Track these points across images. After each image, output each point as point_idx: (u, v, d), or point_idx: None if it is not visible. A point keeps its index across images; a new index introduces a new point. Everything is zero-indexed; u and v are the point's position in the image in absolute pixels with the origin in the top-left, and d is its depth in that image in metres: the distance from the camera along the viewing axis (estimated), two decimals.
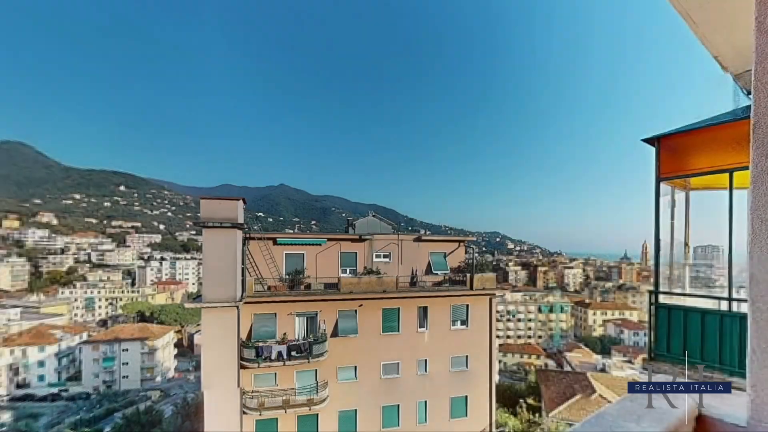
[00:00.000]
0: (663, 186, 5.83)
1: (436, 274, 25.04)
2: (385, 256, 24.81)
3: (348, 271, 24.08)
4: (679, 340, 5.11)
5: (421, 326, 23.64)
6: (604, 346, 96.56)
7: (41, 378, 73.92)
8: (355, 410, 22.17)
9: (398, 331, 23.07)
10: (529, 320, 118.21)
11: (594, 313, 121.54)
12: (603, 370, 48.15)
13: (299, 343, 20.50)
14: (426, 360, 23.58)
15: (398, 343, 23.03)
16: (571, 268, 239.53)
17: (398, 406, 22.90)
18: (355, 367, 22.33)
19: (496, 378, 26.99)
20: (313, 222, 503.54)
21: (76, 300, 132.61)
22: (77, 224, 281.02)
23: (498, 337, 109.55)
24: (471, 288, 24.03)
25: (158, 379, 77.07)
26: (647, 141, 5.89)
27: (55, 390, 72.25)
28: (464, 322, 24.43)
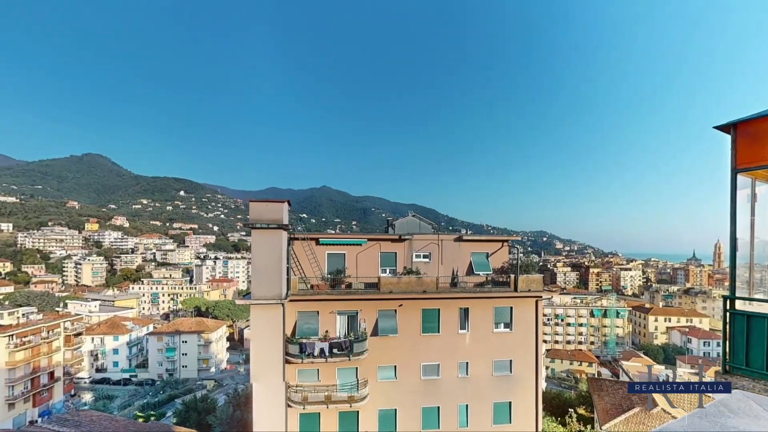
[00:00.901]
0: (741, 178, 5.16)
1: (478, 274, 24.30)
2: (425, 256, 24.55)
3: (388, 271, 24.14)
4: (761, 352, 4.49)
5: (462, 328, 23.09)
6: (668, 355, 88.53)
7: (116, 364, 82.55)
8: (395, 410, 22.17)
9: (438, 332, 22.73)
10: (580, 325, 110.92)
11: (655, 320, 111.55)
12: None
13: (340, 340, 20.92)
14: (467, 362, 22.99)
15: (438, 344, 22.69)
16: (629, 269, 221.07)
17: (438, 408, 22.55)
18: (395, 366, 22.33)
19: (543, 384, 25.60)
20: (353, 222, 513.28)
21: (143, 295, 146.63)
22: (145, 226, 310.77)
23: (545, 341, 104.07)
24: (515, 289, 23.04)
25: (212, 369, 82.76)
26: (721, 128, 5.24)
27: (126, 375, 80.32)
28: (508, 325, 23.49)
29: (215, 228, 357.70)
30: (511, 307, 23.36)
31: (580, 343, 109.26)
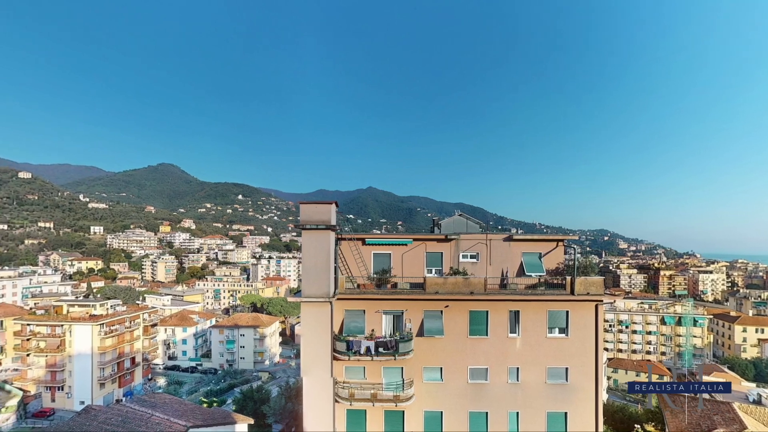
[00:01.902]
0: None
1: (530, 276, 23.05)
2: (472, 257, 23.86)
3: (434, 271, 23.81)
4: None
5: (512, 331, 22.07)
6: (761, 371, 77.21)
7: (184, 353, 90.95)
8: (441, 412, 21.78)
9: (486, 334, 21.95)
10: (649, 333, 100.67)
11: (744, 330, 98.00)
12: (759, 402, 38.08)
13: (386, 340, 21.05)
14: (518, 368, 21.91)
15: (486, 348, 21.90)
16: (709, 272, 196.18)
17: (486, 413, 21.75)
18: (441, 368, 21.95)
19: (603, 396, 23.62)
20: (399, 222, 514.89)
21: (207, 291, 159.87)
22: (208, 228, 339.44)
23: (606, 349, 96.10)
24: (572, 292, 21.52)
25: (267, 362, 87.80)
26: None
27: (193, 364, 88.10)
28: (563, 330, 22.00)
29: (269, 229, 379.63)
30: (567, 311, 21.85)
31: (648, 353, 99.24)
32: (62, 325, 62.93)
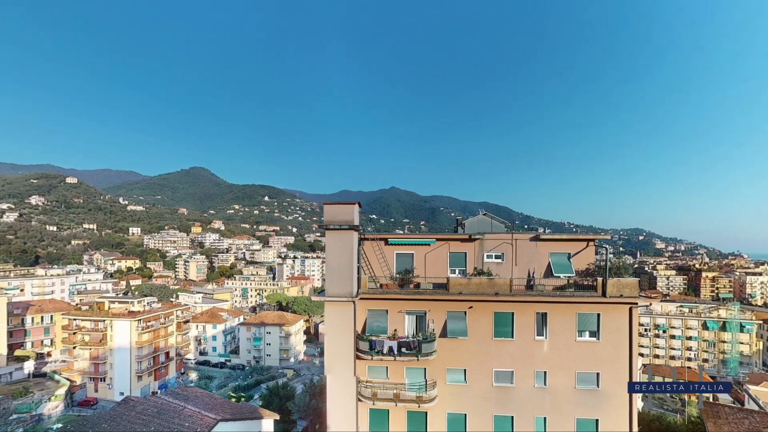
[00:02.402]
0: None
1: (558, 277, 22.27)
2: (497, 257, 23.34)
3: (457, 271, 23.48)
4: None
5: (539, 334, 21.39)
6: None
7: (214, 349, 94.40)
8: (465, 415, 21.42)
9: (512, 337, 21.38)
10: (689, 338, 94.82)
11: None
12: None
13: (409, 340, 20.94)
14: (545, 372, 21.20)
15: (512, 350, 21.34)
16: (758, 274, 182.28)
17: (512, 417, 21.18)
18: (465, 370, 21.59)
19: (638, 404, 22.45)
20: (422, 222, 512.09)
21: (235, 289, 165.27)
22: (237, 229, 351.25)
23: (641, 355, 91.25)
24: (603, 294, 20.59)
25: (291, 360, 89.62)
26: None
27: (222, 360, 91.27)
28: (594, 334, 21.08)
29: (294, 229, 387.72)
30: (599, 314, 20.93)
31: (688, 359, 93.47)
32: (104, 321, 66.91)
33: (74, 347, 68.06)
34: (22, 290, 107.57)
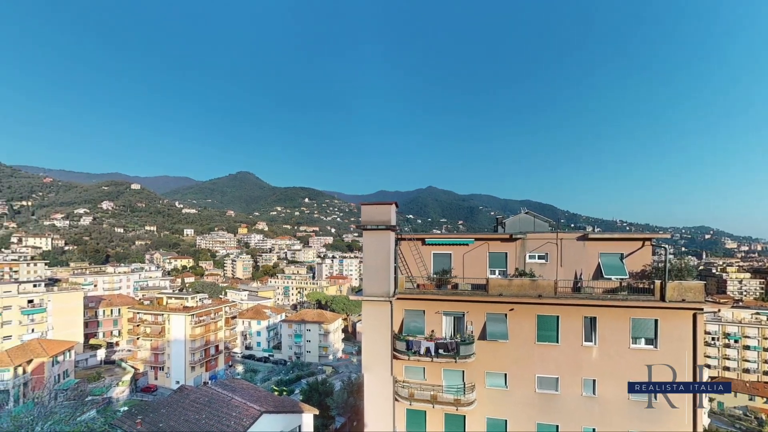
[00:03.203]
0: None
1: (609, 279, 20.75)
2: (540, 257, 22.24)
3: (497, 272, 22.67)
4: None
5: (587, 339, 20.04)
6: None
7: (258, 344, 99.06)
8: (505, 421, 20.58)
9: (557, 341, 20.22)
10: (766, 350, 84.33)
11: None
12: None
13: (446, 341, 20.55)
14: (594, 380, 19.80)
15: (557, 356, 20.18)
16: None
17: (557, 427, 20.00)
18: (505, 374, 20.77)
19: (704, 420, 20.26)
20: (460, 222, 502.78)
21: (278, 287, 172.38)
22: (279, 230, 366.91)
23: (708, 366, 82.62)
24: (662, 299, 18.85)
25: (330, 357, 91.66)
26: None
27: (266, 354, 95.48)
28: (651, 341, 19.35)
29: (332, 230, 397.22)
30: (656, 320, 19.19)
31: (766, 373, 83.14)
32: (162, 315, 72.72)
33: (138, 338, 74.68)
34: (95, 286, 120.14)
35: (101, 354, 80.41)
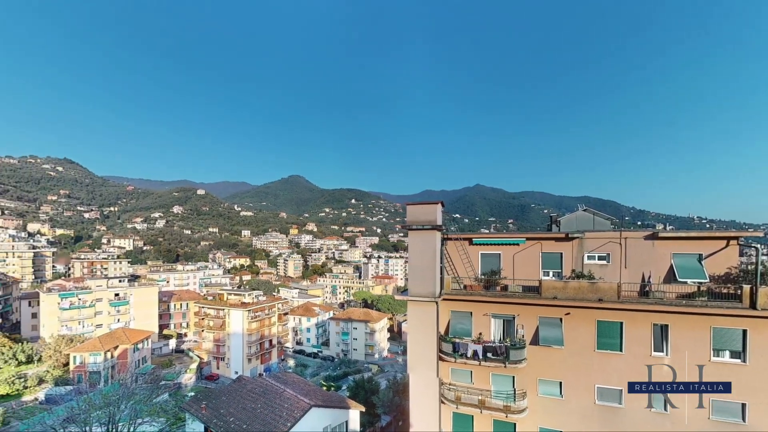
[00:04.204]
0: None
1: (684, 282, 18.54)
2: (600, 258, 20.54)
3: (551, 273, 21.36)
4: None
5: (657, 349, 18.03)
6: None
7: (308, 340, 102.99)
8: None
9: (620, 350, 18.43)
10: None
11: None
12: None
13: (495, 345, 19.70)
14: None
15: (620, 366, 18.39)
16: None
17: None
18: (560, 383, 19.38)
19: None
20: (509, 221, 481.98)
21: (326, 286, 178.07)
22: (327, 230, 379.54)
23: None
24: (752, 306, 16.41)
25: (376, 356, 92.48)
26: None
27: (315, 350, 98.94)
28: (738, 355, 16.89)
29: (378, 230, 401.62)
30: (745, 330, 16.72)
31: None
32: (223, 309, 78.59)
33: (202, 330, 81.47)
34: (167, 282, 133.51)
35: (172, 343, 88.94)
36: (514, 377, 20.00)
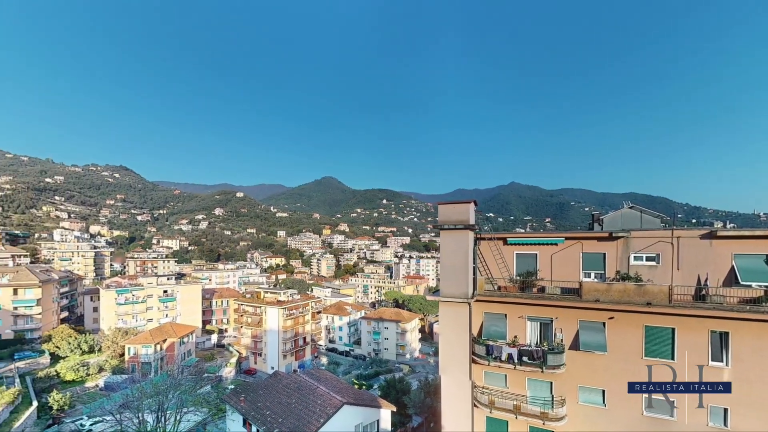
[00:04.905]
0: None
1: (748, 286, 16.80)
2: (649, 259, 19.15)
3: (593, 275, 20.20)
4: None
5: (715, 359, 16.45)
6: None
7: (340, 338, 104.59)
8: None
9: (672, 358, 17.00)
10: None
11: None
12: None
13: (531, 348, 18.89)
14: (725, 409, 16.14)
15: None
16: None
17: None
18: (603, 391, 18.19)
19: None
20: (547, 219, 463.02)
21: (358, 286, 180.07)
22: (359, 231, 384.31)
23: None
24: None
25: (407, 356, 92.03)
26: None
27: (347, 349, 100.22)
28: None
29: (409, 230, 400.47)
30: None
31: None
32: (260, 307, 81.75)
33: (241, 327, 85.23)
34: (209, 280, 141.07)
35: (214, 338, 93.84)
36: (551, 383, 19.07)
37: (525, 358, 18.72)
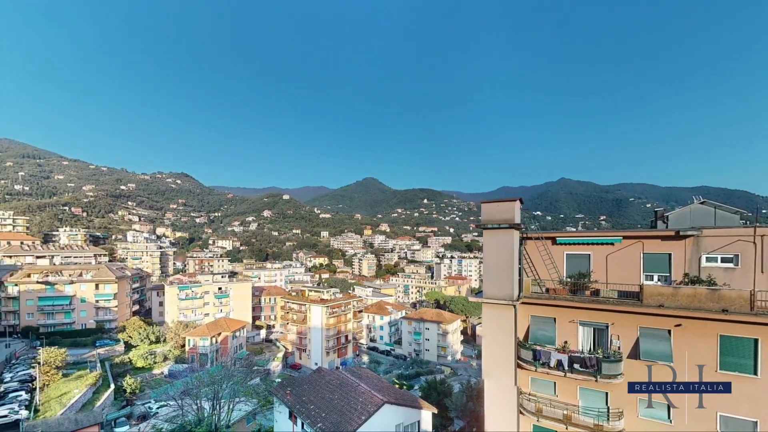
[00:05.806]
0: None
1: None
2: (725, 260, 17.05)
3: (656, 277, 18.38)
4: None
5: None
6: None
7: (381, 338, 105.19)
8: None
9: (754, 373, 14.91)
10: None
11: None
12: None
13: (584, 356, 17.55)
14: None
15: (754, 391, 14.87)
16: None
17: None
18: (668, 405, 16.40)
19: None
20: (601, 217, 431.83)
21: (398, 286, 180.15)
22: (399, 231, 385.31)
23: None
24: None
25: (449, 358, 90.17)
26: None
27: (388, 348, 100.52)
28: None
29: (451, 230, 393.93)
30: None
31: None
32: (305, 305, 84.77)
33: (287, 323, 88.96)
34: (259, 278, 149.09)
35: (263, 333, 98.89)
36: (607, 393, 17.58)
37: (576, 366, 17.45)
